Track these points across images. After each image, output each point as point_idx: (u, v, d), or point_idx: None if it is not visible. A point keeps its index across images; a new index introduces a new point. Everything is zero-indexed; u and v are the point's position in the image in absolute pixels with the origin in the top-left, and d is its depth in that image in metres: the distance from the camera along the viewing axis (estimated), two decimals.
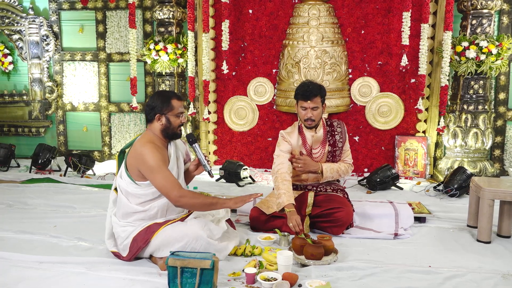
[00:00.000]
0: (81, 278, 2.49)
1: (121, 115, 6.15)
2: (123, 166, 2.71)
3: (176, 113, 2.70)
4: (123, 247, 2.67)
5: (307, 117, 3.16)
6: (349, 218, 3.17)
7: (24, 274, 2.54)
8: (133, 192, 2.66)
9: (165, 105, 2.68)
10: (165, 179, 2.55)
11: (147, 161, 2.56)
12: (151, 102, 2.71)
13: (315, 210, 3.19)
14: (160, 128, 2.70)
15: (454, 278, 2.46)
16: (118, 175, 2.76)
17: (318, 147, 3.28)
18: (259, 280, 2.34)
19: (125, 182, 2.68)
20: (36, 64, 6.21)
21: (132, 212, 2.67)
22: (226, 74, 5.43)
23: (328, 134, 3.28)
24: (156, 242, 2.58)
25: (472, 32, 4.76)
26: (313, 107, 3.13)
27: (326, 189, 3.30)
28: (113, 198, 2.82)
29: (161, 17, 5.46)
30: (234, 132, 5.68)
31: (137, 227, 2.64)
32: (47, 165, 5.47)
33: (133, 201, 2.67)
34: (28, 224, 3.41)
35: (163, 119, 2.69)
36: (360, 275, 2.50)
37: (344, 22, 5.20)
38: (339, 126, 3.32)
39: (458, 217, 3.59)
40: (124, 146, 2.84)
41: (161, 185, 2.56)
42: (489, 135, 4.82)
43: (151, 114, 2.70)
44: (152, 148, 2.60)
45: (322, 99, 3.17)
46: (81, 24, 6.13)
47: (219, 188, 4.66)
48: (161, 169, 2.56)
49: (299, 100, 3.17)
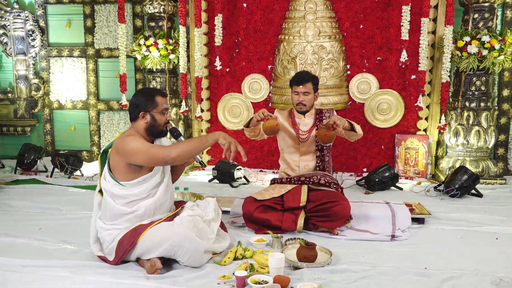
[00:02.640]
0: (66, 282, 2.45)
1: (110, 113, 6.08)
2: (106, 167, 2.68)
3: (160, 110, 2.68)
4: (108, 251, 2.63)
5: (299, 101, 3.42)
6: (347, 211, 3.21)
7: (6, 278, 2.49)
8: (118, 193, 2.63)
9: (149, 102, 2.66)
10: (149, 149, 2.54)
11: (131, 146, 2.54)
12: (135, 100, 2.69)
13: (310, 204, 3.24)
14: (145, 126, 2.68)
15: (450, 280, 2.44)
16: (102, 176, 2.72)
17: (306, 131, 3.50)
18: (250, 283, 2.31)
19: (110, 184, 2.65)
20: (22, 61, 6.13)
21: (119, 214, 2.64)
22: (220, 70, 5.35)
23: (318, 121, 3.50)
24: (143, 244, 2.54)
25: (474, 27, 4.68)
26: (304, 92, 3.40)
27: (320, 181, 3.35)
28: (98, 201, 2.78)
29: (151, 11, 5.37)
30: (228, 130, 5.59)
31: (123, 230, 2.61)
32: (33, 166, 5.39)
33: (119, 202, 2.64)
34: (11, 227, 3.36)
35: (147, 117, 2.67)
36: (354, 278, 2.47)
37: (342, 16, 5.11)
38: (328, 112, 3.55)
39: (458, 218, 3.57)
40: (106, 147, 2.79)
41: (149, 158, 2.53)
42: (492, 133, 4.74)
43: (134, 112, 2.68)
44: (132, 137, 2.60)
45: (315, 86, 3.44)
46: (69, 18, 6.04)
47: (212, 189, 4.61)
48: (144, 146, 2.54)
49: (293, 85, 3.45)
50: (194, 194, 3.68)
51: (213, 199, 2.98)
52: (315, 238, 3.07)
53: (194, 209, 2.78)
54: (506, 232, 3.25)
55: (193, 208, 2.78)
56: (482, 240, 3.11)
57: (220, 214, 2.95)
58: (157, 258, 2.50)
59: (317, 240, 2.98)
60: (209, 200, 2.95)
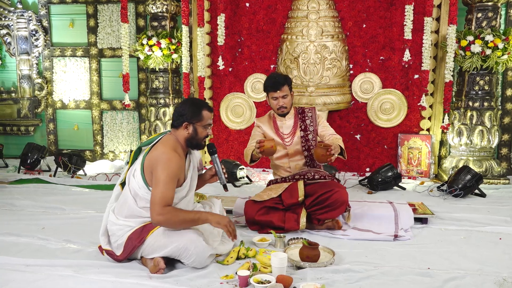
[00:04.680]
0: (69, 281, 2.44)
1: (113, 113, 6.06)
2: (140, 166, 2.63)
3: (204, 124, 2.70)
4: (117, 245, 2.63)
5: (279, 106, 3.41)
6: (345, 198, 3.21)
7: (10, 277, 2.48)
8: (143, 195, 2.60)
9: (195, 115, 2.67)
10: (161, 192, 2.51)
11: (162, 169, 2.53)
12: (181, 109, 2.69)
13: (308, 199, 3.24)
14: (186, 136, 2.68)
15: (453, 281, 2.42)
16: (131, 172, 2.68)
17: (289, 134, 3.49)
18: (252, 282, 2.31)
19: (138, 184, 2.62)
20: (25, 60, 6.14)
21: (136, 215, 2.63)
22: (222, 70, 5.36)
23: (300, 121, 3.50)
24: (151, 242, 2.55)
25: (477, 26, 4.66)
26: (282, 96, 3.38)
27: (314, 176, 3.38)
28: (116, 193, 2.77)
29: (154, 11, 5.37)
30: (230, 130, 5.59)
31: (134, 227, 2.61)
32: (36, 165, 5.40)
33: (140, 204, 2.62)
34: (15, 226, 3.36)
35: (190, 128, 2.67)
36: (356, 277, 2.46)
37: (344, 16, 5.08)
38: (310, 111, 3.55)
39: (461, 218, 3.55)
40: (142, 144, 2.78)
41: (154, 194, 2.52)
42: (495, 133, 4.72)
43: (178, 121, 2.68)
44: (172, 158, 2.56)
45: (290, 87, 3.43)
46: (72, 18, 6.04)
47: (214, 188, 4.56)
48: (167, 183, 2.52)
49: (269, 92, 3.42)
50: (197, 194, 3.65)
51: (219, 200, 2.98)
52: (317, 238, 3.07)
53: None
54: (510, 232, 3.23)
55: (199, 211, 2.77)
56: (486, 240, 3.10)
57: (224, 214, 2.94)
58: (160, 257, 2.51)
59: (319, 240, 2.98)
60: (214, 202, 2.95)
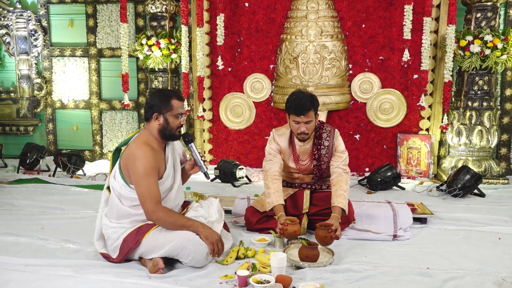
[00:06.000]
0: (68, 281, 2.43)
1: (112, 113, 6.06)
2: (117, 166, 2.65)
3: (175, 114, 2.63)
4: (113, 248, 2.62)
5: (301, 131, 3.08)
6: (350, 218, 3.16)
7: (9, 277, 2.48)
8: (126, 195, 2.60)
9: (164, 105, 2.62)
10: (146, 189, 2.51)
11: (137, 165, 2.52)
12: (150, 100, 2.66)
13: (312, 208, 3.18)
14: (158, 128, 2.64)
15: (452, 281, 2.42)
16: (112, 174, 2.69)
17: (306, 159, 3.26)
18: (252, 282, 2.30)
19: (119, 184, 2.62)
20: (24, 60, 6.12)
21: (125, 214, 2.62)
22: (222, 70, 5.35)
23: (315, 148, 3.21)
24: (147, 243, 2.53)
25: (476, 26, 4.67)
26: (306, 121, 3.04)
27: (322, 186, 3.29)
28: (105, 197, 2.76)
29: (153, 11, 5.37)
30: (230, 130, 5.57)
31: (128, 229, 2.59)
32: (35, 165, 5.39)
33: (125, 203, 2.61)
34: (14, 226, 3.35)
35: (161, 119, 2.62)
36: (356, 277, 2.46)
37: (344, 16, 5.08)
38: (327, 139, 3.21)
39: (460, 217, 3.54)
40: (120, 144, 2.79)
41: (140, 193, 2.52)
42: (495, 133, 4.73)
43: (149, 113, 2.64)
44: (146, 152, 2.53)
45: (315, 111, 3.07)
46: (71, 18, 6.04)
47: (214, 188, 4.59)
48: (147, 177, 2.51)
49: (291, 114, 3.07)
50: (196, 194, 3.65)
51: (216, 199, 2.94)
52: None
53: (197, 210, 2.75)
54: (509, 232, 3.22)
55: (196, 209, 2.75)
56: (485, 240, 3.09)
57: (223, 215, 2.91)
58: (159, 257, 2.50)
59: None
60: (212, 201, 2.91)
